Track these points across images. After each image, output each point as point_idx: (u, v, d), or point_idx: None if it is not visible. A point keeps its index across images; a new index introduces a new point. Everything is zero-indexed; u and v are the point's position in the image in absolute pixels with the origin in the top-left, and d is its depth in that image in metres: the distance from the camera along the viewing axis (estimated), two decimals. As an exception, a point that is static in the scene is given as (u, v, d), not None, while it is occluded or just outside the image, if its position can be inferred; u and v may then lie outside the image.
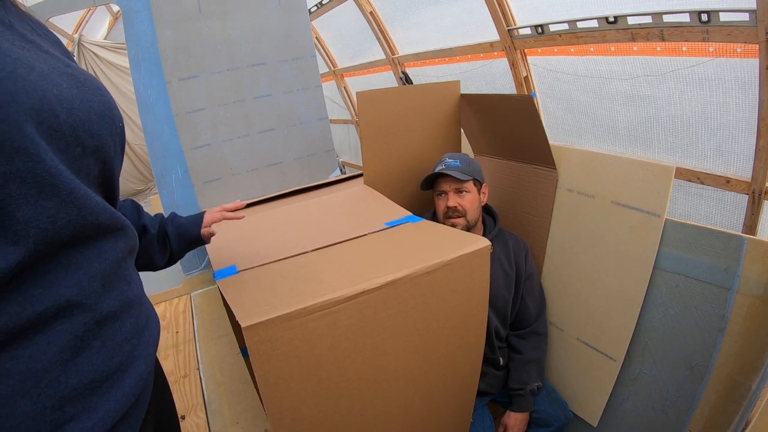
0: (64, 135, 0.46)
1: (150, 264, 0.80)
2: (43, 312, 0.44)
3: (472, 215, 1.24)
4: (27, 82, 0.42)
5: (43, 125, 0.43)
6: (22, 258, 0.42)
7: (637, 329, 1.13)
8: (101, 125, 0.51)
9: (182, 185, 1.57)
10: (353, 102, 4.70)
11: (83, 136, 0.48)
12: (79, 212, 0.47)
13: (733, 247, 0.94)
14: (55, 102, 0.45)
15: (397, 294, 0.79)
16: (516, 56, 2.37)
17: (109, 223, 0.52)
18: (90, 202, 0.48)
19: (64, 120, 0.45)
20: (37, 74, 0.44)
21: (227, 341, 1.47)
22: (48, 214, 0.43)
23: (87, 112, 0.49)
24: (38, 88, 0.43)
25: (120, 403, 0.50)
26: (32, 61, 0.46)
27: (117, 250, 0.53)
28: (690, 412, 1.03)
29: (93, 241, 0.50)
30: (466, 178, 1.21)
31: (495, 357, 1.26)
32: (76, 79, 0.50)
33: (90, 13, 5.16)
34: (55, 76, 0.47)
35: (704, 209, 1.85)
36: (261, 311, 0.69)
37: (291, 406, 0.75)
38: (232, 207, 0.89)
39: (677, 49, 1.67)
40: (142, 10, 1.41)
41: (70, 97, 0.47)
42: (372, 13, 3.37)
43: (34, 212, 0.42)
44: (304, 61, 1.69)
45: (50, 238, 0.44)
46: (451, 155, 1.28)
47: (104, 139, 0.52)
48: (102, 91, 0.54)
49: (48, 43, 0.54)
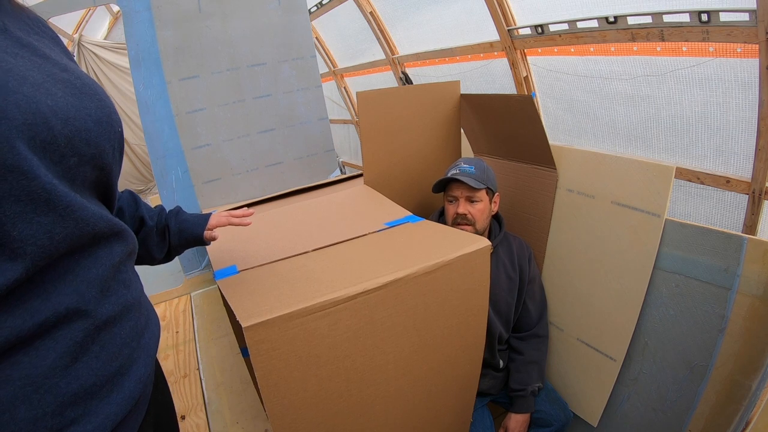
0: (59, 147, 0.45)
1: (147, 256, 0.78)
2: (43, 322, 0.44)
3: (481, 224, 1.22)
4: (19, 96, 0.41)
5: (36, 140, 0.42)
6: (21, 275, 0.42)
7: (637, 329, 1.13)
8: (99, 132, 0.51)
9: (182, 185, 1.57)
10: (353, 102, 4.70)
11: (80, 146, 0.48)
12: (76, 224, 0.46)
13: (733, 247, 0.94)
14: (49, 114, 0.44)
15: (398, 294, 0.79)
16: (516, 56, 2.37)
17: (105, 231, 0.51)
18: (86, 214, 0.48)
19: (59, 132, 0.45)
20: (29, 85, 0.43)
21: (227, 341, 1.47)
22: (45, 230, 0.43)
23: (84, 121, 0.48)
24: (31, 101, 0.42)
25: (120, 407, 0.50)
26: (25, 70, 0.45)
27: (114, 255, 0.53)
28: (690, 412, 1.03)
29: (89, 248, 0.49)
30: (479, 186, 1.18)
31: (494, 361, 1.27)
32: (73, 85, 0.50)
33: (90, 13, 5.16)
34: (50, 84, 0.46)
35: (704, 209, 1.85)
36: (261, 311, 0.69)
37: (291, 406, 0.75)
38: (240, 214, 0.87)
39: (677, 49, 1.67)
40: (142, 10, 1.41)
41: (65, 107, 0.46)
42: (372, 13, 3.37)
43: (30, 229, 0.42)
44: (304, 62, 1.69)
45: (48, 252, 0.44)
46: (467, 160, 1.25)
47: (102, 146, 0.51)
48: (99, 96, 0.53)
49: (46, 42, 0.52)
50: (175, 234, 0.79)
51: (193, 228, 0.81)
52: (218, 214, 0.85)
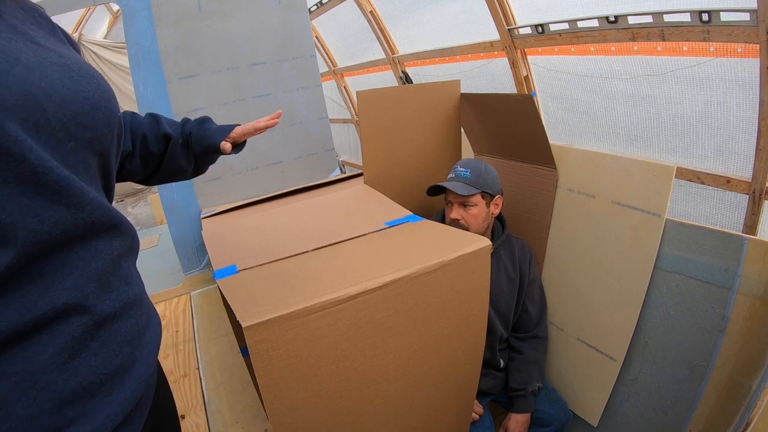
0: (53, 130, 0.44)
1: (179, 170, 0.77)
2: (41, 317, 0.43)
3: (476, 228, 1.21)
4: (9, 77, 0.41)
5: (28, 121, 0.41)
6: (11, 261, 0.41)
7: (637, 329, 1.13)
8: (96, 116, 0.50)
9: (182, 184, 1.57)
10: (353, 101, 4.70)
11: (75, 130, 0.47)
12: (69, 210, 0.45)
13: (734, 247, 0.94)
14: (42, 96, 0.43)
15: (398, 294, 0.79)
16: (516, 56, 2.37)
17: (103, 221, 0.50)
18: (82, 200, 0.46)
19: (52, 114, 0.44)
20: (22, 67, 0.43)
21: (227, 341, 1.47)
22: (34, 214, 0.42)
23: (80, 104, 0.48)
24: (23, 82, 0.42)
25: (121, 406, 0.49)
26: (18, 52, 0.44)
27: (113, 249, 0.51)
28: (690, 412, 1.02)
29: (87, 239, 0.48)
30: (471, 192, 1.18)
31: (495, 361, 1.27)
32: (69, 69, 0.48)
33: (90, 13, 5.16)
34: (46, 67, 0.45)
35: (705, 209, 1.85)
36: (262, 311, 0.69)
37: (291, 406, 0.75)
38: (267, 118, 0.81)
39: (678, 49, 1.67)
40: (142, 9, 1.41)
41: (60, 89, 0.45)
42: (372, 12, 3.36)
43: (19, 213, 0.41)
44: (304, 61, 1.69)
45: (39, 238, 0.43)
46: (464, 164, 1.24)
47: (100, 131, 0.50)
48: (97, 80, 0.52)
49: (42, 31, 0.52)
50: (196, 141, 0.76)
51: (213, 135, 0.76)
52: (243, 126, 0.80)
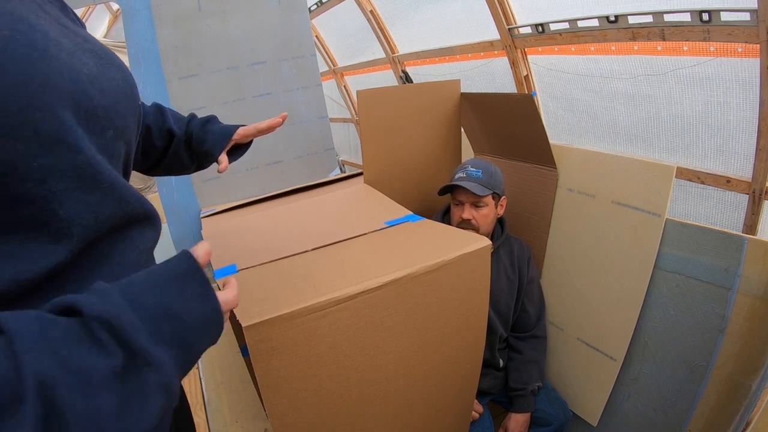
0: (98, 118, 0.42)
1: (181, 167, 0.75)
2: None
3: (485, 229, 1.22)
4: (60, 62, 0.38)
5: (80, 110, 0.39)
6: (65, 257, 0.39)
7: (637, 329, 1.13)
8: (126, 105, 0.48)
9: (182, 184, 1.56)
10: (353, 101, 4.69)
11: (114, 118, 0.44)
12: (119, 204, 0.44)
13: (734, 247, 0.93)
14: (87, 83, 0.40)
15: (398, 293, 0.79)
16: (516, 55, 2.37)
17: (139, 212, 0.48)
18: (127, 193, 0.45)
19: (98, 102, 0.41)
20: (66, 52, 0.39)
21: (227, 340, 1.47)
22: (91, 210, 0.40)
23: (115, 92, 0.45)
24: (71, 69, 0.39)
25: None
26: (57, 35, 0.40)
27: (146, 240, 0.50)
28: (690, 412, 1.03)
29: (125, 230, 0.46)
30: (485, 192, 1.18)
31: (495, 361, 1.27)
32: (98, 55, 0.46)
33: (89, 12, 5.15)
34: (80, 53, 0.42)
35: (704, 209, 1.85)
36: (262, 310, 0.69)
37: (291, 406, 0.74)
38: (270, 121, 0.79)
39: (678, 49, 1.67)
40: (142, 8, 1.41)
41: (98, 76, 0.43)
42: (372, 11, 3.36)
43: (76, 208, 0.39)
44: (304, 60, 1.69)
45: (93, 234, 0.41)
46: (475, 164, 1.23)
47: (128, 120, 0.49)
48: (122, 68, 0.50)
49: (58, 12, 0.48)
50: (197, 143, 0.74)
51: (213, 144, 0.74)
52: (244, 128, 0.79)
